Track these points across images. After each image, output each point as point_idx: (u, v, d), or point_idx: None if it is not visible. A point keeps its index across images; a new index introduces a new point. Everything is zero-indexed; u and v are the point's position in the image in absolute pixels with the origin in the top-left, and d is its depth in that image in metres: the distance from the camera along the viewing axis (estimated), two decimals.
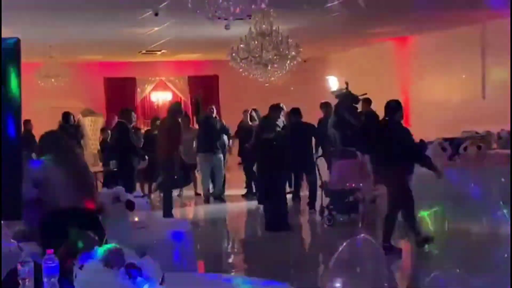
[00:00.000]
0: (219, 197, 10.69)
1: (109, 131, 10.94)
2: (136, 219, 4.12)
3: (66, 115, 12.04)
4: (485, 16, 11.54)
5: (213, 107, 11.57)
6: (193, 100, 12.56)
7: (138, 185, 10.28)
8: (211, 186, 10.88)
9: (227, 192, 11.18)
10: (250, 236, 8.59)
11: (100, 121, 16.35)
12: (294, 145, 8.80)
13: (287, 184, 9.78)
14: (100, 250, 2.28)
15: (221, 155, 10.82)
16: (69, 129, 11.33)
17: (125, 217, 3.98)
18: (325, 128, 9.81)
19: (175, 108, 9.37)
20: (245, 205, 10.44)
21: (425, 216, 7.29)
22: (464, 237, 6.99)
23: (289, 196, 9.12)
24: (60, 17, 10.19)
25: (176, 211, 9.54)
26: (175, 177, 8.92)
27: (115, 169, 9.54)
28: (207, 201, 10.63)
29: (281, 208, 8.14)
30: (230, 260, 6.96)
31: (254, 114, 11.25)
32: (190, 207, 10.87)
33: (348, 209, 8.47)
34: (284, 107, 11.46)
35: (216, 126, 10.89)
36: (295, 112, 9.61)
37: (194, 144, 11.03)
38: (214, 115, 11.15)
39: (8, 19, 8.85)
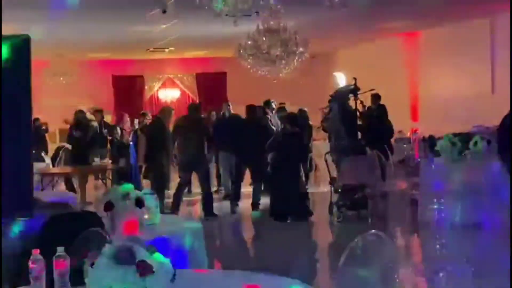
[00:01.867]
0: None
1: (118, 128, 10.97)
2: (146, 216, 4.12)
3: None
4: (494, 9, 11.46)
5: (229, 103, 11.60)
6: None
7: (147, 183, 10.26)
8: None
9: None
10: (258, 230, 8.60)
11: (109, 119, 16.41)
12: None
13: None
14: (111, 248, 2.28)
15: None
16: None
17: (134, 214, 3.97)
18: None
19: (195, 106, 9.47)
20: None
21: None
22: (474, 232, 6.96)
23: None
24: (68, 15, 10.22)
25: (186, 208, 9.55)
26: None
27: (122, 166, 9.59)
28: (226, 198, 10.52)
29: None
30: (238, 257, 6.95)
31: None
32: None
33: (357, 205, 8.46)
34: (274, 104, 11.49)
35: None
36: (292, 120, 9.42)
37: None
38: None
39: (17, 16, 8.91)
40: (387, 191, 8.33)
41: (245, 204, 9.70)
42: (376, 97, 11.03)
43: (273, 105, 11.46)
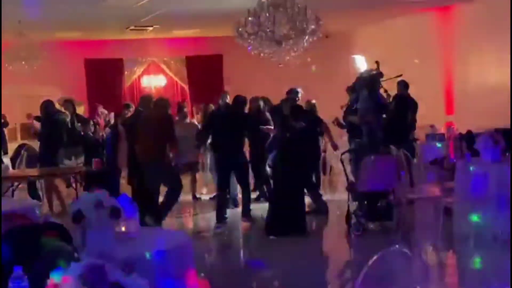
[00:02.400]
0: (234, 202, 10.68)
1: (92, 122, 10.98)
2: (123, 228, 4.11)
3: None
4: None
5: (227, 92, 11.63)
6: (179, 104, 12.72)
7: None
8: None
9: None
10: (256, 246, 8.64)
11: (81, 110, 16.40)
12: None
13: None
14: (79, 267, 2.26)
15: None
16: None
17: (109, 227, 3.97)
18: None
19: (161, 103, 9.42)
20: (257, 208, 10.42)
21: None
22: None
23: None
24: None
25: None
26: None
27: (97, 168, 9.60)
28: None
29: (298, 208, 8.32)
30: (236, 277, 6.95)
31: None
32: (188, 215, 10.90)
33: (381, 215, 8.49)
34: (300, 93, 11.46)
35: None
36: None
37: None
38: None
39: None
40: (416, 198, 8.30)
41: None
42: (403, 85, 11.04)
43: (299, 95, 11.42)
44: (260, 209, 9.76)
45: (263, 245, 8.53)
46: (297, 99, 11.09)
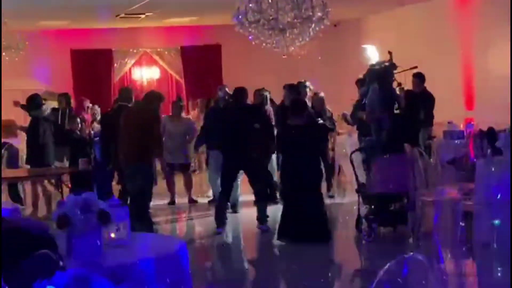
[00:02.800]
0: (234, 207, 10.66)
1: (78, 119, 10.99)
2: (112, 235, 4.11)
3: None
4: None
5: (225, 85, 11.65)
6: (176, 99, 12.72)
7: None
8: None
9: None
10: (262, 253, 8.64)
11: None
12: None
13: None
14: (64, 277, 2.27)
15: None
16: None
17: (97, 233, 3.97)
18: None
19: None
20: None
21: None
22: None
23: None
24: None
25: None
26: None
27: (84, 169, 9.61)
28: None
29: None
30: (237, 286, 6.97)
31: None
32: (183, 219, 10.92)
33: (393, 219, 8.50)
34: (309, 88, 11.46)
35: None
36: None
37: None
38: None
39: None
40: (432, 201, 8.29)
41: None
42: (418, 78, 11.04)
43: (308, 89, 11.39)
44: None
45: (268, 251, 8.54)
46: (304, 93, 11.11)
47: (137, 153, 8.55)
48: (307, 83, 11.54)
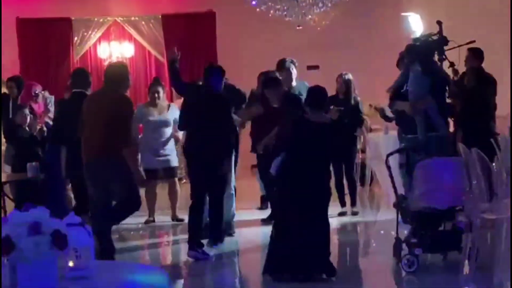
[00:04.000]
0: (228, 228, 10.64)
1: (26, 110, 10.96)
2: (71, 263, 4.08)
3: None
4: None
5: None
6: (168, 60, 12.58)
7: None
8: None
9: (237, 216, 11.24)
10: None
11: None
12: None
13: None
14: None
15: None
16: None
17: (50, 261, 3.93)
18: None
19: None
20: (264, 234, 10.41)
21: None
22: None
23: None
24: None
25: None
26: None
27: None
28: None
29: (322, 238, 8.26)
30: None
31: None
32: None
33: (443, 243, 8.45)
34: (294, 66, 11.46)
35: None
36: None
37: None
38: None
39: None
40: (495, 219, 8.26)
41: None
42: (476, 55, 11.00)
43: (292, 69, 11.44)
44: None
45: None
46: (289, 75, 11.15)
47: (104, 148, 8.65)
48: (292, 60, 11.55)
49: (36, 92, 11.49)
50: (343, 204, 11.63)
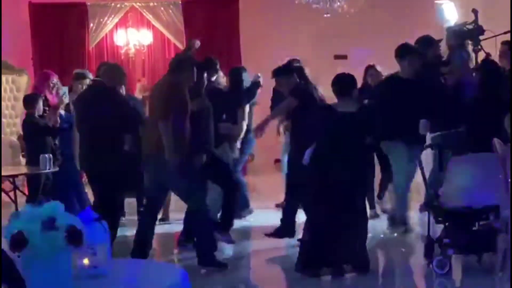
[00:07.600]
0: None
1: (41, 101, 10.99)
2: (86, 261, 4.08)
3: None
4: None
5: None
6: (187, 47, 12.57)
7: None
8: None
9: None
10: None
11: (23, 82, 16.47)
12: None
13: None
14: None
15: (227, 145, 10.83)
16: None
17: (65, 258, 3.94)
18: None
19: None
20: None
21: None
22: None
23: None
24: None
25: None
26: None
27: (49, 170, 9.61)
28: None
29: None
30: None
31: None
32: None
33: (478, 244, 8.40)
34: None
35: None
36: None
37: None
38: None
39: None
40: None
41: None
42: (509, 46, 10.99)
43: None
44: None
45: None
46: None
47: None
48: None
49: (52, 83, 11.46)
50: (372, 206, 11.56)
